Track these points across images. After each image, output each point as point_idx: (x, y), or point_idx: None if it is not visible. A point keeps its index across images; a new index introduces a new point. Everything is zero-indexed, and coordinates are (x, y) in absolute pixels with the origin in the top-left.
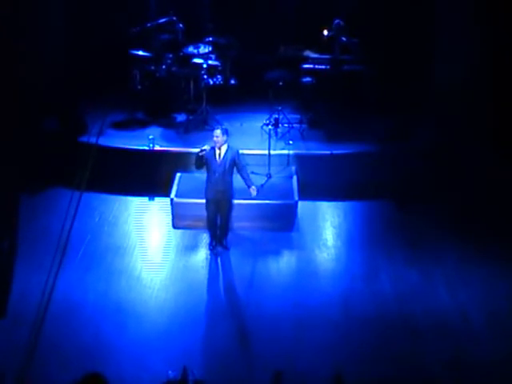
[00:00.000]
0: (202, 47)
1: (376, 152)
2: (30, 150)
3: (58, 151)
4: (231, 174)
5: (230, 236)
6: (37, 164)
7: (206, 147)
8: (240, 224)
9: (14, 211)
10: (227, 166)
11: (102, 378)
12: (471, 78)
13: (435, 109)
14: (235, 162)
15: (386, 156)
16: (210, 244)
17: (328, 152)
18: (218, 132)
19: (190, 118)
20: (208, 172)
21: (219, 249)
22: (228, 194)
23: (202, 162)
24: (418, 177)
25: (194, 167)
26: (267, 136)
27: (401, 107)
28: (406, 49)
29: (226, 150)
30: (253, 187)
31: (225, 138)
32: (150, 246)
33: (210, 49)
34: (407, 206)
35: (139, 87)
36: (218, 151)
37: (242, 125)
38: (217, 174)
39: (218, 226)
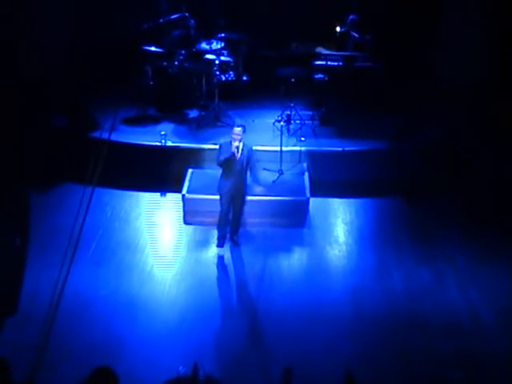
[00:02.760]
0: (215, 43)
1: (388, 149)
2: (41, 147)
3: (68, 147)
4: (247, 170)
5: (241, 232)
6: (47, 160)
7: (238, 144)
8: (252, 220)
9: (25, 208)
10: (245, 162)
11: (112, 373)
12: (478, 76)
13: (444, 106)
14: (249, 160)
15: (398, 153)
16: (218, 243)
17: (340, 149)
18: (239, 130)
19: (202, 114)
20: (225, 168)
21: (230, 244)
22: (243, 189)
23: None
24: (429, 174)
25: (216, 163)
26: (279, 132)
27: (410, 104)
28: (413, 47)
29: (243, 147)
30: (261, 188)
31: (243, 134)
32: (162, 241)
33: (223, 45)
34: (418, 203)
35: (151, 83)
36: (236, 148)
37: (253, 121)
38: (234, 171)
39: (228, 223)
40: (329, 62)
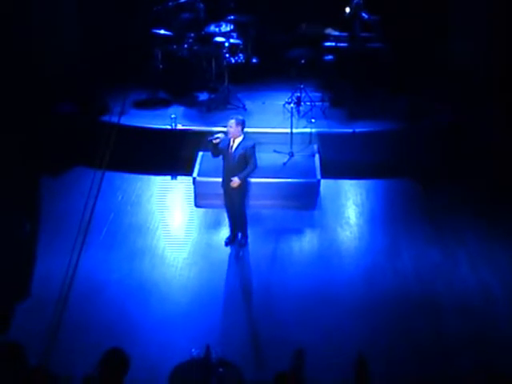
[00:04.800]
0: (224, 26)
1: (398, 130)
2: (51, 132)
3: (79, 132)
4: (243, 168)
5: (252, 214)
6: (58, 145)
7: (220, 135)
8: (262, 202)
9: (37, 192)
10: (236, 159)
11: (123, 354)
12: (488, 55)
13: (456, 87)
14: (246, 158)
15: (408, 134)
16: (228, 238)
17: (350, 130)
18: (231, 122)
19: (212, 96)
20: (223, 162)
21: (235, 246)
22: (239, 188)
23: (217, 150)
24: (440, 155)
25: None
26: (289, 114)
27: (421, 85)
28: (423, 27)
29: (240, 143)
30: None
31: (239, 129)
32: (173, 224)
33: (232, 27)
34: (429, 184)
35: (161, 66)
36: (231, 142)
37: (264, 103)
38: (228, 167)
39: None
40: (338, 44)
